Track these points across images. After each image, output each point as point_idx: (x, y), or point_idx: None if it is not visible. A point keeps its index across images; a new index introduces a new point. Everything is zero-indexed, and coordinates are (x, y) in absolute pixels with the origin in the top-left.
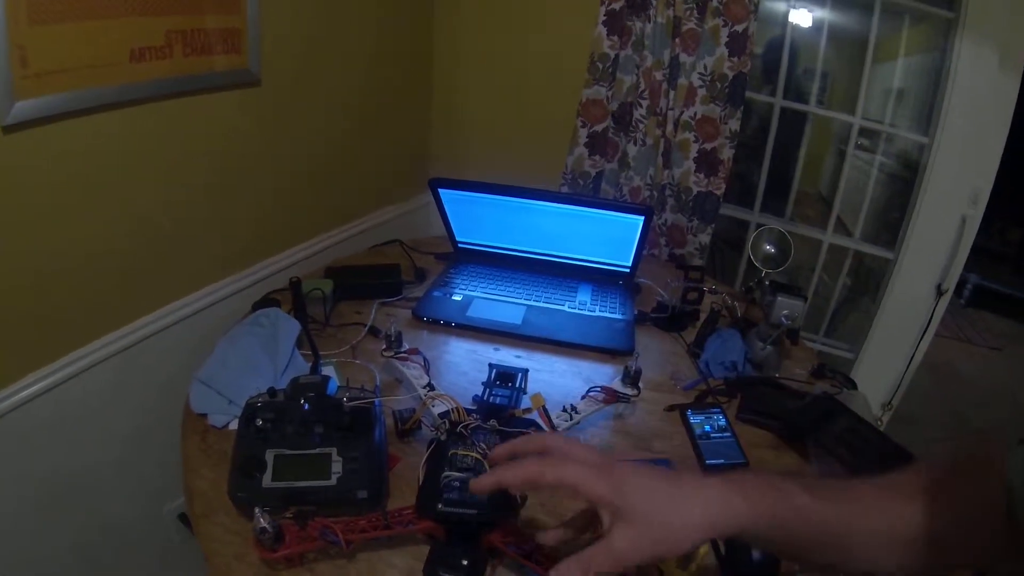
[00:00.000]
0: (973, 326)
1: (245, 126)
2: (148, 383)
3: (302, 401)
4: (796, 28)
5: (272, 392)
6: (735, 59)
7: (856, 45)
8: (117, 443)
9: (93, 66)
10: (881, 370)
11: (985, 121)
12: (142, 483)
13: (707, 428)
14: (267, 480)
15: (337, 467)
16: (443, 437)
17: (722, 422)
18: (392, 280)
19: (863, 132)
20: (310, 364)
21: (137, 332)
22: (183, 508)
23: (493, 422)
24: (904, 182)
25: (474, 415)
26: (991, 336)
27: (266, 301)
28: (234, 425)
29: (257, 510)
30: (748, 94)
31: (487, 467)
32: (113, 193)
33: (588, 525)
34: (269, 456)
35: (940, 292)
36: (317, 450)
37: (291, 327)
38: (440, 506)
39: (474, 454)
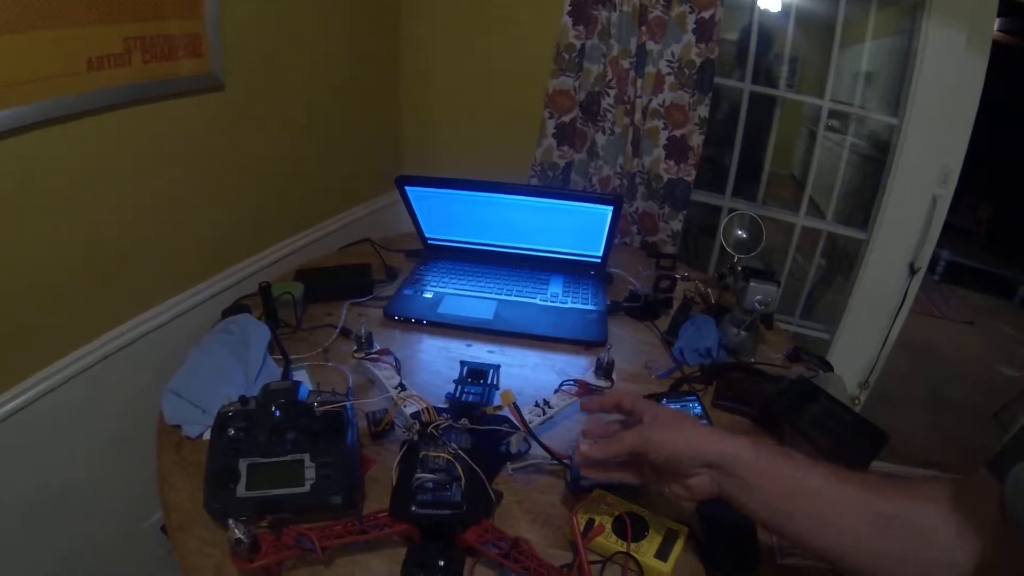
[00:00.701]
0: (947, 301)
1: (210, 131)
2: (120, 398)
3: (273, 408)
4: (765, 13)
5: (244, 400)
6: (702, 46)
7: (824, 29)
8: (93, 460)
9: (50, 77)
10: (857, 349)
11: (954, 101)
12: (122, 498)
13: None
14: (241, 490)
15: (310, 473)
16: (415, 438)
17: (698, 410)
18: (363, 280)
19: (833, 114)
20: (282, 369)
21: (105, 347)
22: (163, 522)
23: (464, 421)
24: (875, 162)
25: (445, 415)
26: (964, 310)
27: (236, 307)
28: (208, 435)
29: (231, 521)
30: (717, 80)
31: (458, 468)
32: (75, 205)
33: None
34: (243, 465)
35: (913, 271)
36: (290, 457)
37: (262, 332)
38: (413, 508)
39: (444, 455)
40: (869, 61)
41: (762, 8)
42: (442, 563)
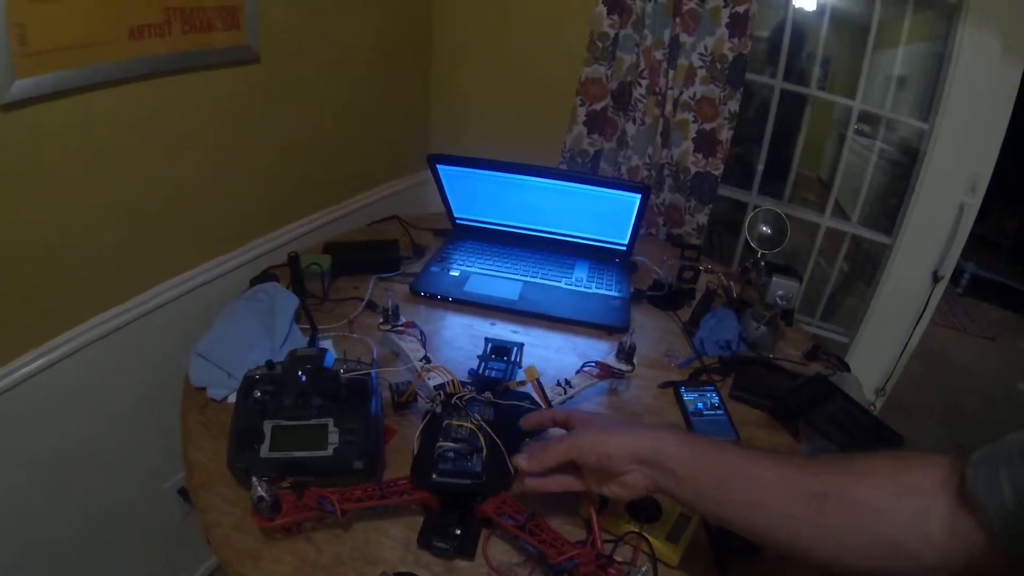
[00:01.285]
0: (968, 315)
1: (244, 103)
2: (147, 360)
3: (299, 373)
4: (799, 12)
5: (270, 364)
6: (735, 40)
7: (858, 31)
8: (116, 420)
9: (92, 44)
10: (875, 355)
11: (985, 109)
12: (142, 460)
13: (700, 405)
14: (265, 450)
15: (334, 438)
16: (438, 409)
17: (715, 400)
18: (390, 256)
19: (863, 118)
20: (307, 338)
21: (136, 309)
22: (182, 484)
23: (488, 394)
24: (903, 169)
25: (469, 387)
26: (986, 325)
27: (265, 276)
28: (233, 398)
29: (255, 479)
30: (748, 76)
31: (480, 439)
32: (112, 170)
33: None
34: (267, 427)
35: (936, 279)
36: (314, 421)
37: (289, 301)
38: (434, 476)
39: (468, 424)
40: (902, 65)
41: (796, 6)
42: (458, 532)
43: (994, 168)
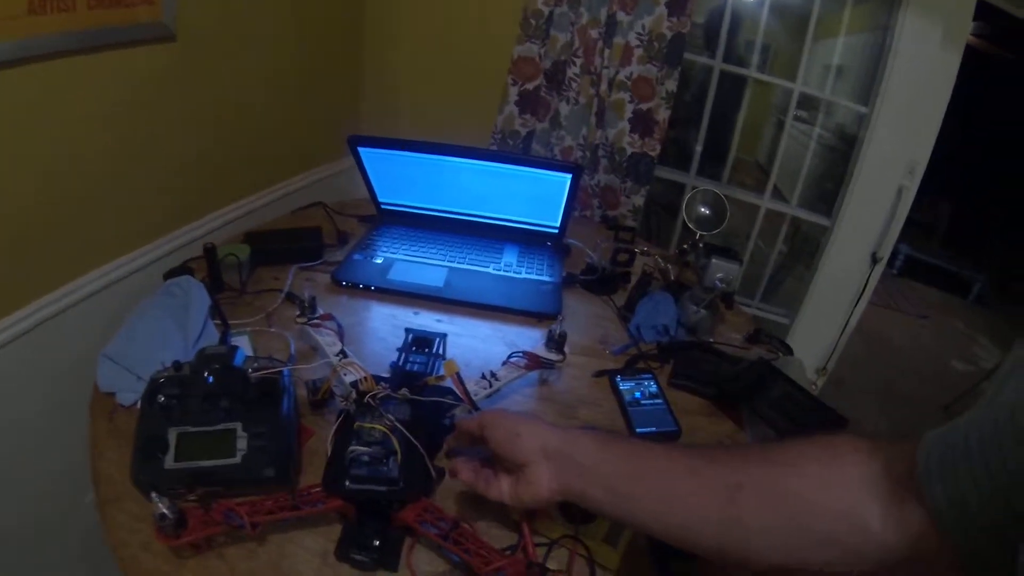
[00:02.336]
0: (903, 295)
1: (159, 84)
2: (55, 368)
3: (206, 374)
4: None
5: (177, 366)
6: (674, 19)
7: (798, 20)
8: (27, 434)
9: None
10: (816, 336)
11: (924, 95)
12: (59, 474)
13: (637, 395)
14: (170, 461)
15: (242, 443)
16: (351, 408)
17: (653, 388)
18: (312, 244)
19: (802, 104)
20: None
21: (38, 313)
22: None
23: (404, 391)
24: (841, 154)
25: (384, 384)
26: (920, 305)
27: (181, 270)
28: None
29: (154, 495)
30: (687, 56)
31: (395, 442)
32: (10, 159)
33: None
34: (172, 435)
35: (875, 260)
36: (221, 426)
37: (203, 296)
38: (347, 483)
39: (380, 427)
40: (841, 55)
41: None
42: (377, 543)
43: (931, 153)
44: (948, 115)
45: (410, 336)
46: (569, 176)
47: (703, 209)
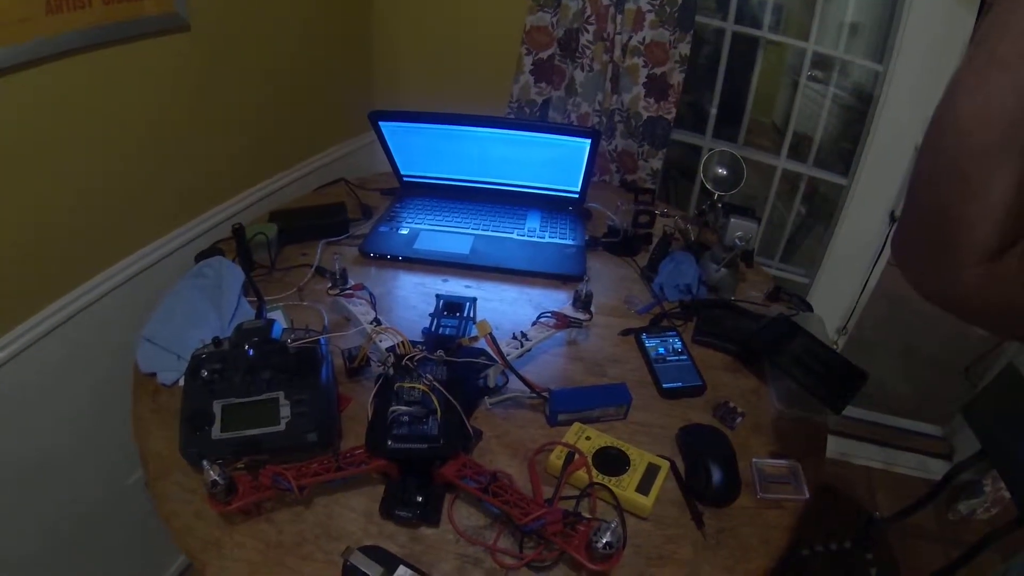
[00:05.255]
0: None
1: (177, 74)
2: (97, 352)
3: (246, 347)
4: None
5: (217, 342)
6: None
7: None
8: (71, 418)
9: (6, 23)
10: (836, 295)
11: (940, 51)
12: (103, 459)
13: (662, 351)
14: (216, 432)
15: (285, 411)
16: (390, 372)
17: (678, 345)
18: (337, 219)
19: (816, 63)
20: (256, 310)
21: (79, 300)
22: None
23: (440, 352)
24: (857, 114)
25: (420, 346)
26: None
27: (211, 251)
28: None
29: (206, 463)
30: (699, 19)
31: (434, 400)
32: (41, 156)
33: None
34: (217, 407)
35: (893, 219)
36: (264, 396)
37: (235, 275)
38: (389, 443)
39: (420, 386)
40: (854, 12)
41: None
42: (420, 499)
43: None
44: None
45: (441, 301)
46: (588, 141)
47: (720, 170)
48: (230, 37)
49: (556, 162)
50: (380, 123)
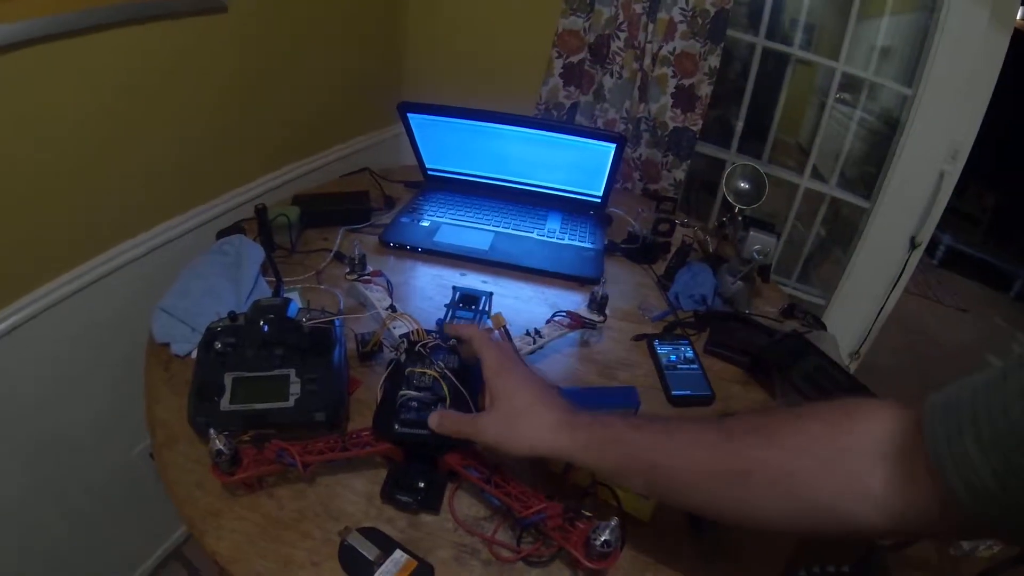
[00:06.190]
0: (943, 286)
1: (212, 54)
2: (113, 322)
3: (262, 323)
4: None
5: (233, 316)
6: None
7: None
8: (82, 386)
9: None
10: (851, 319)
11: (970, 77)
12: (110, 425)
13: (673, 358)
14: (225, 403)
15: (295, 388)
16: (402, 357)
17: (689, 354)
18: (360, 207)
19: (844, 86)
20: (273, 289)
21: (97, 269)
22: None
23: (453, 342)
24: (883, 137)
25: (434, 335)
26: (960, 297)
27: (233, 229)
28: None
29: (212, 432)
30: (730, 33)
31: (444, 387)
32: (71, 124)
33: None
34: (228, 379)
35: (914, 245)
36: (275, 372)
37: (255, 253)
38: (396, 426)
39: (431, 372)
40: (886, 36)
41: None
42: (422, 485)
43: (974, 143)
44: (995, 103)
45: (457, 293)
46: (613, 146)
47: (743, 184)
48: (265, 20)
49: (580, 165)
50: (408, 115)
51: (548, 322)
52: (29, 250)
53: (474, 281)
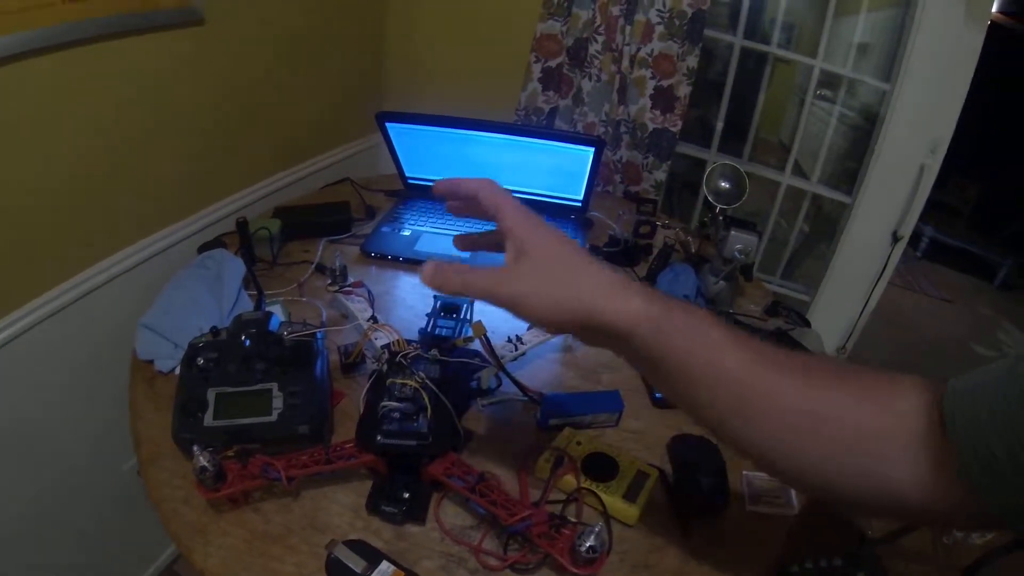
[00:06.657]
0: (927, 278)
1: (190, 66)
2: (97, 339)
3: (243, 338)
4: None
5: (215, 331)
6: None
7: None
8: (69, 403)
9: (27, 8)
10: (836, 313)
11: (947, 71)
12: (99, 441)
13: None
14: (209, 419)
15: (278, 403)
16: (383, 368)
17: None
18: (340, 217)
19: (824, 83)
20: (255, 303)
21: (80, 287)
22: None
23: (434, 352)
24: (863, 133)
25: (414, 344)
26: (943, 288)
27: (214, 243)
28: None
29: (196, 448)
30: (708, 33)
31: (425, 398)
32: (48, 140)
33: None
34: (211, 395)
35: (896, 239)
36: (258, 386)
37: (236, 267)
38: (379, 438)
39: (411, 382)
40: (863, 32)
41: None
42: (407, 495)
43: (954, 135)
44: (974, 95)
45: (438, 302)
46: (592, 149)
47: (723, 183)
48: (243, 32)
49: (560, 170)
50: (387, 124)
51: (530, 328)
52: (8, 268)
53: None
